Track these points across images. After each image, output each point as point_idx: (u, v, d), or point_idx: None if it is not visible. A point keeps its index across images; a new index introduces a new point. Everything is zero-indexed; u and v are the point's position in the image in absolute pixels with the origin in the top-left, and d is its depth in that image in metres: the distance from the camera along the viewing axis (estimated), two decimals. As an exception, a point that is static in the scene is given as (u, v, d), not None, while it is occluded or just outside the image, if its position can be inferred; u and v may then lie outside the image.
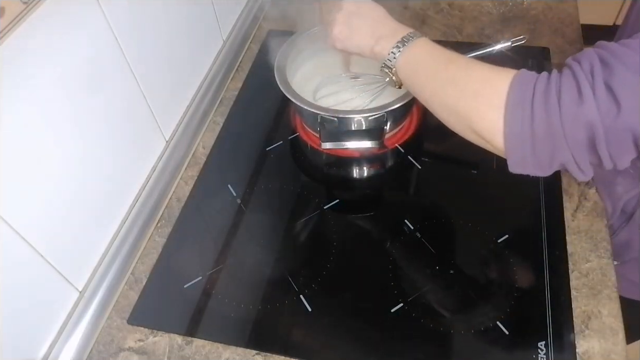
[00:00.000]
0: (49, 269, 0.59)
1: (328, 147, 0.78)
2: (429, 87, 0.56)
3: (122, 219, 0.72)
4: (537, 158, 0.48)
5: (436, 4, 1.06)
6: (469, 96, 0.51)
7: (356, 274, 0.68)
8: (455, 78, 0.53)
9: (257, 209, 0.77)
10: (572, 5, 1.02)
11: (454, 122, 0.54)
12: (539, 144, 0.47)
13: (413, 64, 0.58)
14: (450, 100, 0.53)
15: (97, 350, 0.65)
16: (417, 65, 0.58)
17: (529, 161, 0.49)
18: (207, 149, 0.85)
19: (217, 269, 0.70)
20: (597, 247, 0.68)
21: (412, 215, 0.73)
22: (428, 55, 0.57)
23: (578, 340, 0.60)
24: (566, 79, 0.45)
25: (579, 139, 0.45)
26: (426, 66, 0.57)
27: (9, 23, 0.47)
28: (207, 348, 0.63)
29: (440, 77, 0.55)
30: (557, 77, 0.46)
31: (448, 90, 0.53)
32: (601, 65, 0.44)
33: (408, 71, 0.58)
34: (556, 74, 0.47)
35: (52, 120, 0.57)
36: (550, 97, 0.45)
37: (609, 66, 0.43)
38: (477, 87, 0.51)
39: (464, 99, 0.51)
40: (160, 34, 0.76)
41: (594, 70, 0.44)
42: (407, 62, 0.58)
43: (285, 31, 1.02)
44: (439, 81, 0.55)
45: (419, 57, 0.58)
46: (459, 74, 0.53)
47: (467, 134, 0.53)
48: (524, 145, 0.47)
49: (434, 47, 0.58)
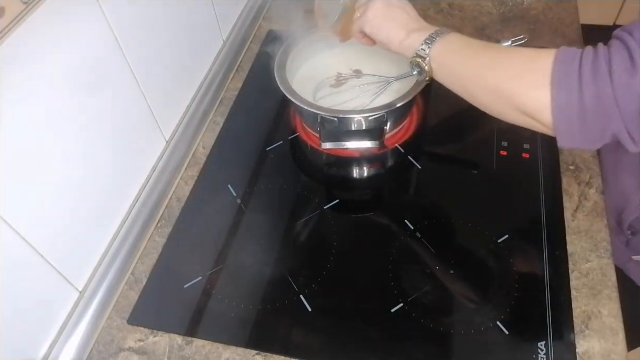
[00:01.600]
0: (49, 269, 0.59)
1: (328, 147, 0.78)
2: (468, 72, 0.56)
3: (122, 219, 0.72)
4: (587, 131, 0.47)
5: (436, 4, 1.06)
6: (513, 76, 0.51)
7: (356, 274, 0.68)
8: (496, 60, 0.53)
9: (257, 209, 0.77)
10: (572, 5, 1.02)
11: (497, 104, 0.54)
12: (589, 116, 0.46)
13: (449, 51, 0.58)
14: (492, 82, 0.53)
15: (97, 350, 0.65)
16: (454, 53, 0.58)
17: (578, 135, 0.48)
18: (207, 149, 0.85)
19: (217, 269, 0.70)
20: (597, 247, 0.68)
21: (412, 215, 0.73)
22: (464, 42, 0.58)
23: (578, 340, 0.60)
24: (617, 49, 0.45)
25: (632, 108, 0.44)
26: (463, 52, 0.57)
27: (9, 23, 0.47)
28: (207, 348, 0.63)
29: (479, 61, 0.55)
30: (605, 49, 0.46)
31: (489, 73, 0.53)
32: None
33: (443, 58, 0.58)
34: (603, 47, 0.46)
35: (52, 120, 0.57)
36: (599, 69, 0.45)
37: None
38: (520, 66, 0.51)
39: (507, 80, 0.51)
40: (160, 34, 0.76)
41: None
42: (443, 50, 0.58)
43: (285, 31, 1.02)
44: (479, 65, 0.55)
45: (455, 45, 0.58)
46: (499, 57, 0.53)
47: (511, 115, 0.53)
48: (573, 119, 0.47)
49: (468, 38, 0.58)
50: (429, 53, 0.59)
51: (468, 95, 0.57)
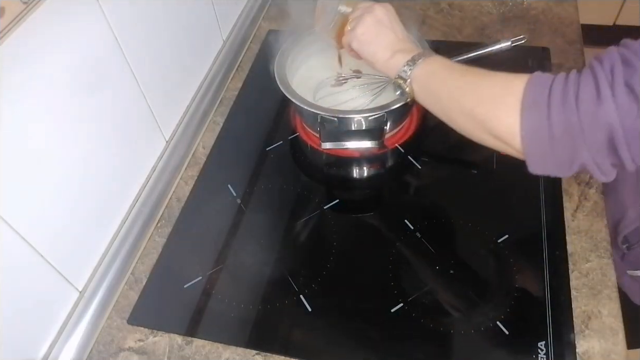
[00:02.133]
0: (49, 269, 0.59)
1: (328, 147, 0.78)
2: (446, 95, 0.57)
3: (122, 219, 0.72)
4: (556, 159, 0.47)
5: (436, 4, 1.06)
6: (486, 100, 0.51)
7: (356, 274, 0.68)
8: (472, 84, 0.54)
9: (257, 209, 0.77)
10: (572, 5, 1.02)
11: (472, 127, 0.54)
12: (558, 144, 0.46)
13: (429, 74, 0.59)
14: (468, 105, 0.53)
15: (97, 350, 0.65)
16: (434, 75, 0.58)
17: (549, 162, 0.48)
18: (207, 149, 0.85)
19: (217, 269, 0.70)
20: (597, 247, 0.68)
21: (412, 215, 0.73)
22: (444, 66, 0.58)
23: (578, 340, 0.60)
24: (585, 79, 0.45)
25: (598, 139, 0.44)
26: (443, 75, 0.58)
27: (9, 23, 0.47)
28: (207, 348, 0.63)
29: (457, 85, 0.55)
30: (575, 77, 0.46)
31: (465, 96, 0.54)
32: (622, 64, 0.43)
33: (424, 80, 0.59)
34: (575, 74, 0.46)
35: (52, 120, 0.57)
36: (567, 97, 0.45)
37: (630, 65, 0.43)
38: (493, 90, 0.51)
39: (481, 104, 0.52)
40: (160, 34, 0.76)
41: (614, 69, 0.43)
42: (424, 72, 0.59)
43: (285, 31, 1.02)
44: (456, 88, 0.55)
45: (436, 68, 0.59)
46: (475, 80, 0.54)
47: (486, 139, 0.53)
48: (542, 146, 0.47)
49: (449, 61, 0.59)
50: (411, 75, 0.60)
51: (447, 118, 0.58)
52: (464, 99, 0.54)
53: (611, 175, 0.47)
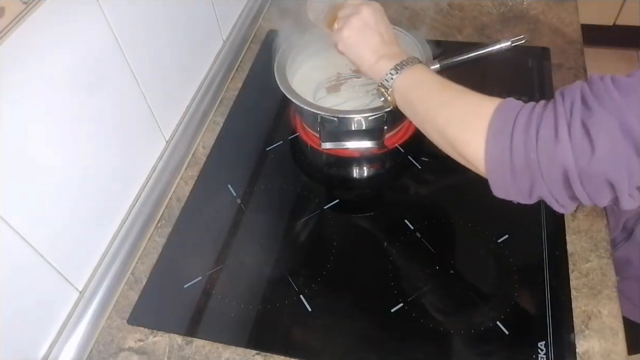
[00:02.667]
0: (49, 269, 0.59)
1: (328, 147, 0.78)
2: (423, 110, 0.57)
3: (122, 219, 0.72)
4: (517, 187, 0.48)
5: (436, 4, 1.06)
6: (457, 120, 0.52)
7: (356, 274, 0.68)
8: (447, 102, 0.54)
9: (257, 209, 0.77)
10: (572, 5, 1.02)
11: (444, 144, 0.55)
12: (518, 174, 0.47)
13: (409, 86, 0.59)
14: (441, 123, 0.54)
15: (97, 350, 0.65)
16: (413, 88, 0.58)
17: (510, 189, 0.49)
18: (207, 149, 0.85)
19: (217, 269, 0.70)
20: (597, 247, 0.68)
21: (412, 215, 0.73)
22: (424, 79, 0.58)
23: (578, 340, 0.60)
24: (547, 115, 0.45)
25: (554, 176, 0.45)
26: (421, 89, 0.58)
27: (9, 23, 0.47)
28: (207, 348, 0.63)
29: (433, 101, 0.56)
30: (540, 110, 0.46)
31: (440, 113, 0.54)
32: (582, 104, 0.44)
33: (404, 93, 0.59)
34: (541, 106, 0.47)
35: (52, 120, 0.57)
36: (529, 131, 0.45)
37: (588, 106, 0.43)
38: (464, 111, 0.52)
39: (453, 124, 0.52)
40: (160, 34, 0.76)
41: (573, 108, 0.44)
42: (404, 85, 0.59)
43: (285, 31, 1.02)
44: (432, 104, 0.56)
45: (416, 80, 0.59)
46: (451, 98, 0.54)
47: (457, 157, 0.54)
48: (505, 174, 0.48)
49: (430, 73, 0.59)
50: (392, 85, 0.60)
51: (424, 132, 0.58)
52: (437, 118, 0.54)
53: (570, 208, 0.48)
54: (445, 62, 0.76)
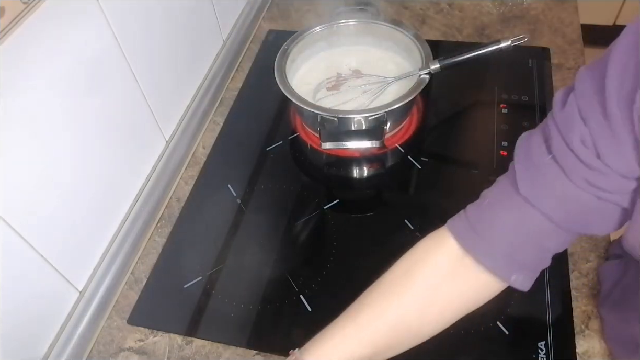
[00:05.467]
0: (49, 269, 0.59)
1: (328, 147, 0.78)
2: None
3: (122, 219, 0.72)
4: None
5: (436, 4, 1.06)
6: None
7: (356, 274, 0.68)
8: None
9: (257, 209, 0.77)
10: (572, 5, 1.02)
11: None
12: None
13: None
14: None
15: (97, 350, 0.65)
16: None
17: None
18: (207, 149, 0.85)
19: (217, 269, 0.70)
20: (597, 247, 0.68)
21: (412, 215, 0.73)
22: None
23: (578, 340, 0.60)
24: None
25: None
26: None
27: (9, 23, 0.47)
28: (207, 348, 0.63)
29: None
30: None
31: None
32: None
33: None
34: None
35: (52, 119, 0.57)
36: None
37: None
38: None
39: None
40: (160, 34, 0.76)
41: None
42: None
43: (285, 31, 1.02)
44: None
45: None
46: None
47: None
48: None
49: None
50: None
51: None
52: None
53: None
54: (445, 62, 0.76)
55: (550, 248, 0.46)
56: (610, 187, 0.40)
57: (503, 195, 0.47)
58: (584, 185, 0.40)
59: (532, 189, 0.44)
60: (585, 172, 0.40)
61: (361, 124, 0.74)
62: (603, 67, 0.39)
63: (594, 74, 0.40)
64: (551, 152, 0.42)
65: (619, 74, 0.37)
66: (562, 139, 0.41)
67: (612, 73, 0.38)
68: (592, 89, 0.39)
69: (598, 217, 0.43)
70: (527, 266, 0.47)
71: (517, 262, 0.47)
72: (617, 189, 0.40)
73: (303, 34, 0.86)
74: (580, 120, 0.40)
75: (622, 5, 1.99)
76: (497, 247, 0.46)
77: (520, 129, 0.82)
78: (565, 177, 0.41)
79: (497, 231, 0.46)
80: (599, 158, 0.39)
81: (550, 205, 0.43)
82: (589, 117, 0.39)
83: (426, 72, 0.77)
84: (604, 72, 0.38)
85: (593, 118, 0.39)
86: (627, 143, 0.37)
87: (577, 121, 0.40)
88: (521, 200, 0.44)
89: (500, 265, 0.47)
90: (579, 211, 0.42)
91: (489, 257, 0.46)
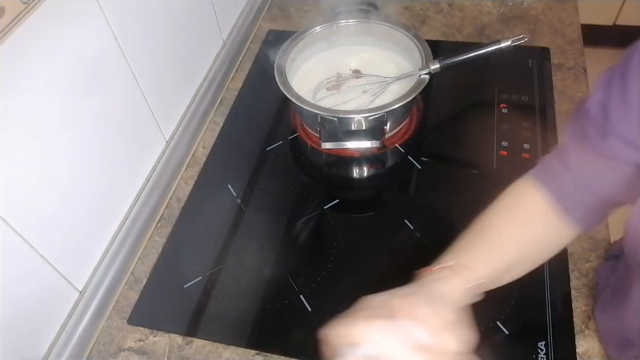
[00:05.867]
0: (49, 269, 0.59)
1: (328, 147, 0.78)
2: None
3: (122, 219, 0.72)
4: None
5: (436, 4, 1.06)
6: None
7: (356, 274, 0.68)
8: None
9: (257, 209, 0.77)
10: (572, 5, 1.02)
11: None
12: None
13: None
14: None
15: (97, 350, 0.65)
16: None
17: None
18: (207, 149, 0.85)
19: (217, 269, 0.70)
20: (597, 247, 0.68)
21: (412, 215, 0.73)
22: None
23: (578, 340, 0.60)
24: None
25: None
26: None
27: (9, 23, 0.47)
28: (207, 348, 0.63)
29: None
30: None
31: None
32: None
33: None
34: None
35: (52, 119, 0.57)
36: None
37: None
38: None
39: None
40: (160, 34, 0.76)
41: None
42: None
43: (285, 31, 1.02)
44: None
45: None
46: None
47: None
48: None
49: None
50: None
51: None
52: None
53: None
54: (445, 62, 0.76)
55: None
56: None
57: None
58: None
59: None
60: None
61: (361, 124, 0.74)
62: None
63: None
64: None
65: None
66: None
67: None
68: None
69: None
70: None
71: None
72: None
73: (303, 34, 0.86)
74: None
75: (622, 5, 1.99)
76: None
77: (520, 129, 0.82)
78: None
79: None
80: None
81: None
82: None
83: (426, 72, 0.77)
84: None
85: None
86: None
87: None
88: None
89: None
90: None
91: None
